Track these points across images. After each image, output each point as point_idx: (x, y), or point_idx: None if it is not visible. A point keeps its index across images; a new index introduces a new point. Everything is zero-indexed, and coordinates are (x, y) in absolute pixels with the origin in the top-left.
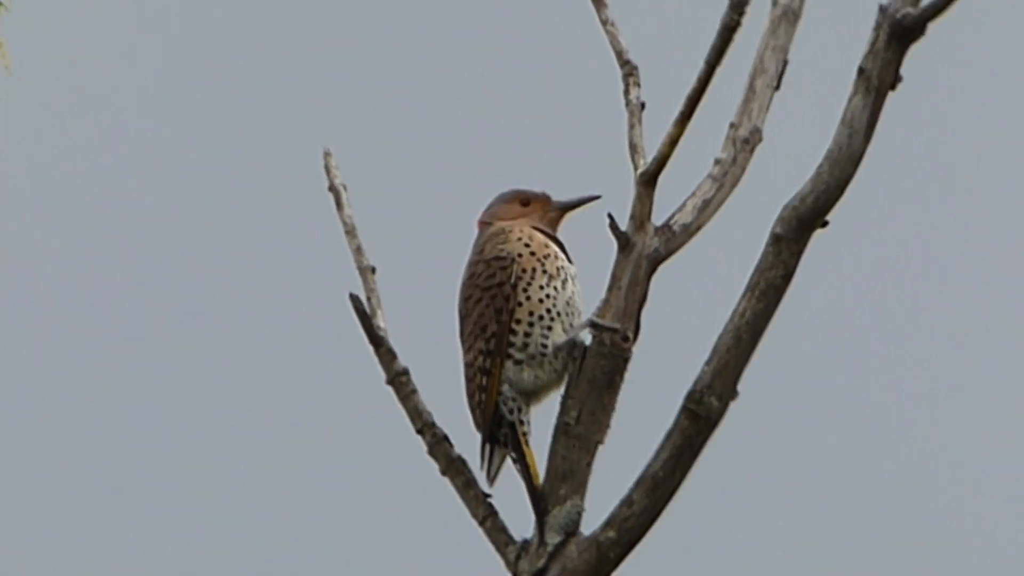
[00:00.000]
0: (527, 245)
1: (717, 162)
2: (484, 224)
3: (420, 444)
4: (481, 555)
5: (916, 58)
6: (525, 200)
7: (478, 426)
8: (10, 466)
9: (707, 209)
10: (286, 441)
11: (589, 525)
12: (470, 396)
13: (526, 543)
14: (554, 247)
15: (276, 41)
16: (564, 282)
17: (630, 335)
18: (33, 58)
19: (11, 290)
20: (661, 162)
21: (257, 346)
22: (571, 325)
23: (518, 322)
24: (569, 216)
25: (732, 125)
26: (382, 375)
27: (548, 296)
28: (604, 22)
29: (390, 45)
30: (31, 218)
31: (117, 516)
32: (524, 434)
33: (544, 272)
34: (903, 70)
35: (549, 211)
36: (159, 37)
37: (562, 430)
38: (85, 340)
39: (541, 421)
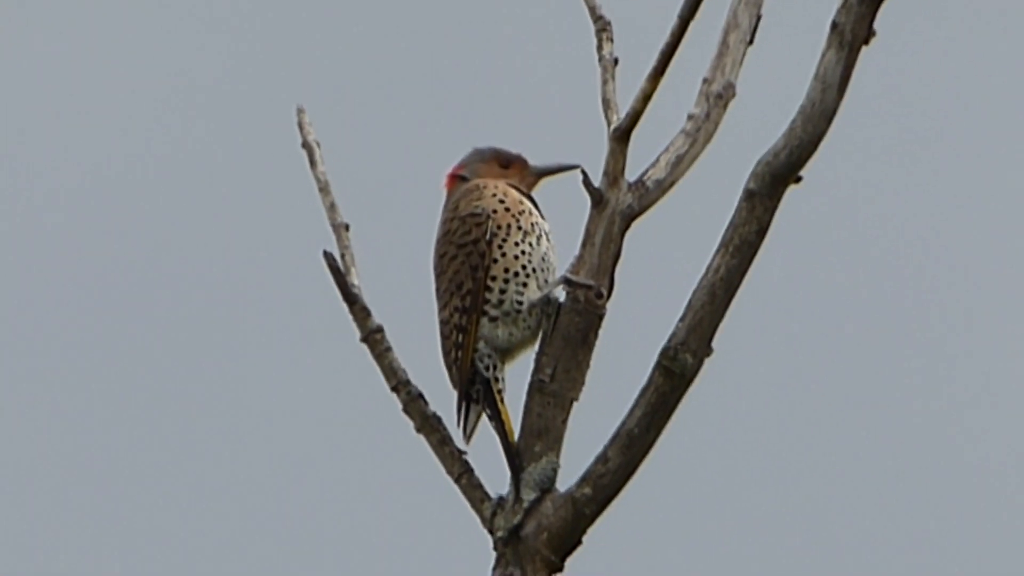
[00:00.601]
0: (502, 201)
1: (690, 118)
2: (457, 178)
3: (395, 402)
4: (457, 512)
5: (889, 13)
6: (504, 163)
7: (454, 384)
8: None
9: (680, 165)
10: (259, 399)
11: (565, 482)
12: (446, 354)
13: (502, 500)
14: (528, 203)
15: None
16: (539, 238)
17: (604, 292)
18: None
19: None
20: (634, 118)
21: (230, 305)
22: (545, 281)
23: (493, 279)
24: (544, 181)
25: (705, 80)
26: (356, 333)
27: (523, 252)
28: None
29: (364, 1)
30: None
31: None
32: (499, 391)
33: (519, 228)
34: (876, 25)
35: (527, 176)
36: None
37: (537, 387)
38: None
39: (516, 378)
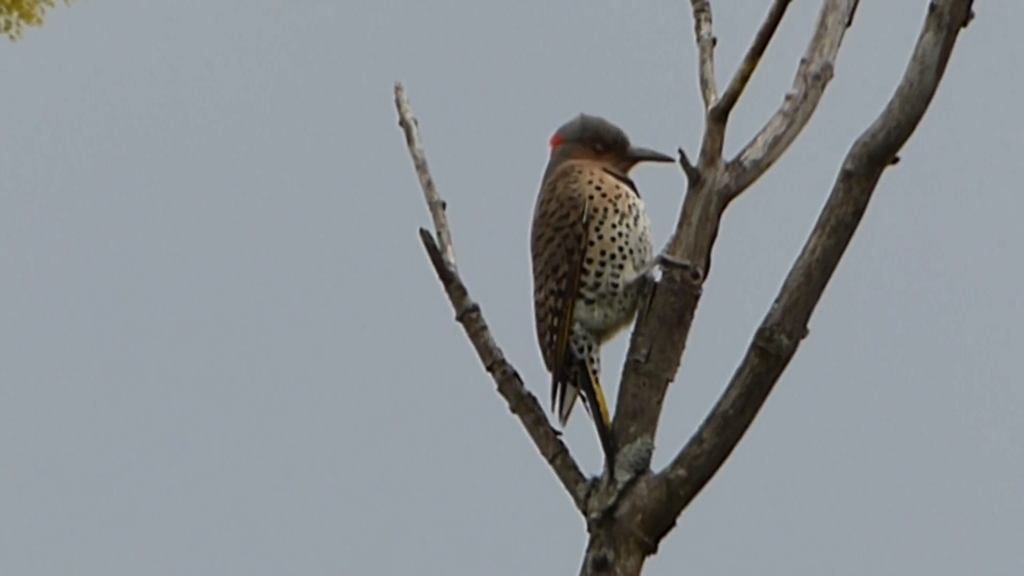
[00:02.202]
0: (598, 188)
1: (788, 98)
2: (557, 145)
3: (490, 381)
4: (551, 493)
5: None
6: (603, 147)
7: (549, 366)
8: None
9: (777, 145)
10: (355, 377)
11: (659, 463)
12: (541, 336)
13: (596, 481)
14: (625, 187)
15: None
16: (636, 219)
17: (700, 272)
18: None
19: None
20: (732, 98)
21: (327, 282)
22: (642, 262)
23: (589, 261)
24: (640, 165)
25: (803, 61)
26: (452, 311)
27: (620, 235)
28: None
29: None
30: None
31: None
32: (594, 372)
33: (616, 211)
34: (975, 7)
35: (622, 160)
36: None
37: (632, 368)
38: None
39: (611, 359)
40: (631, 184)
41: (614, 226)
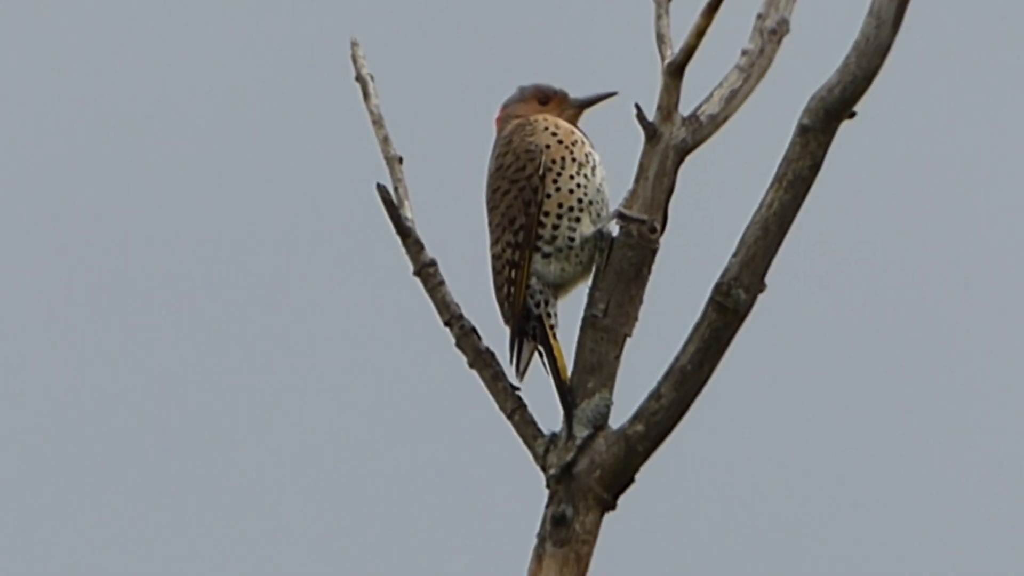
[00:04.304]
0: (554, 134)
1: (744, 53)
2: (502, 121)
3: (448, 336)
4: (509, 448)
5: None
6: (544, 99)
7: (506, 319)
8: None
9: (734, 100)
10: (313, 332)
11: (617, 419)
12: (498, 289)
13: (554, 436)
14: (580, 133)
15: None
16: (593, 168)
17: (657, 226)
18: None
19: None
20: (688, 52)
21: (283, 237)
22: (599, 215)
23: (546, 214)
24: (589, 112)
25: (759, 16)
26: (409, 266)
27: (579, 185)
28: None
29: None
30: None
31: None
32: (552, 327)
33: (573, 160)
34: None
35: (567, 108)
36: None
37: (590, 323)
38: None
39: (569, 314)
40: (585, 135)
41: (572, 177)
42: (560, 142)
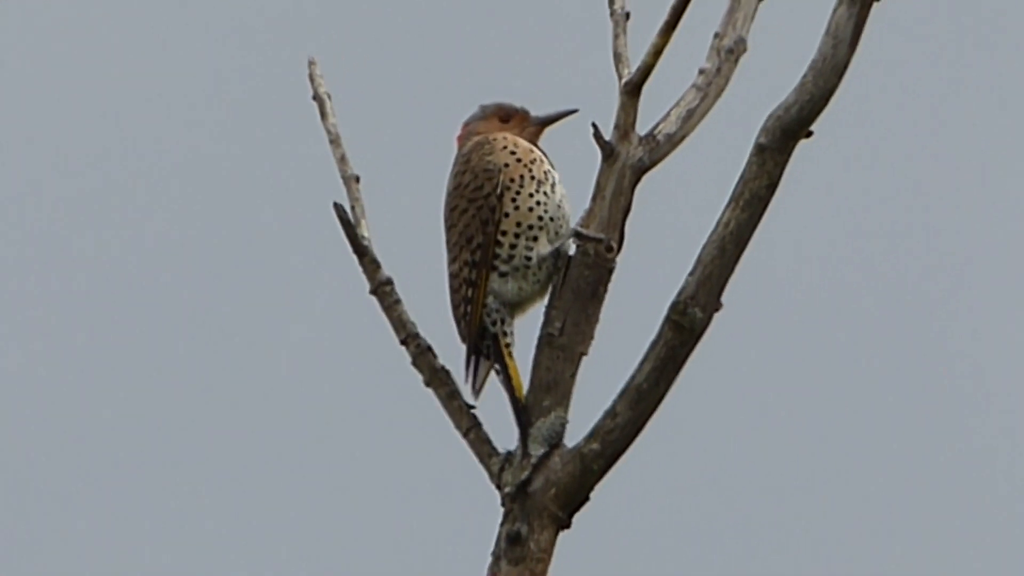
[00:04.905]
0: (513, 152)
1: (701, 72)
2: (463, 139)
3: (404, 355)
4: (465, 466)
5: None
6: (504, 117)
7: (463, 338)
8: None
9: (691, 119)
10: (268, 351)
11: (573, 437)
12: (455, 307)
13: (510, 455)
14: (538, 152)
15: None
16: (553, 186)
17: (614, 245)
18: None
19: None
20: (645, 72)
21: (240, 255)
22: (557, 233)
23: (504, 233)
24: (548, 130)
25: (717, 35)
26: (366, 285)
27: (539, 203)
28: None
29: None
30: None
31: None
32: (508, 345)
33: (532, 178)
34: None
35: (528, 126)
36: None
37: (546, 341)
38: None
39: (525, 332)
40: (544, 153)
41: (531, 195)
42: (519, 160)
